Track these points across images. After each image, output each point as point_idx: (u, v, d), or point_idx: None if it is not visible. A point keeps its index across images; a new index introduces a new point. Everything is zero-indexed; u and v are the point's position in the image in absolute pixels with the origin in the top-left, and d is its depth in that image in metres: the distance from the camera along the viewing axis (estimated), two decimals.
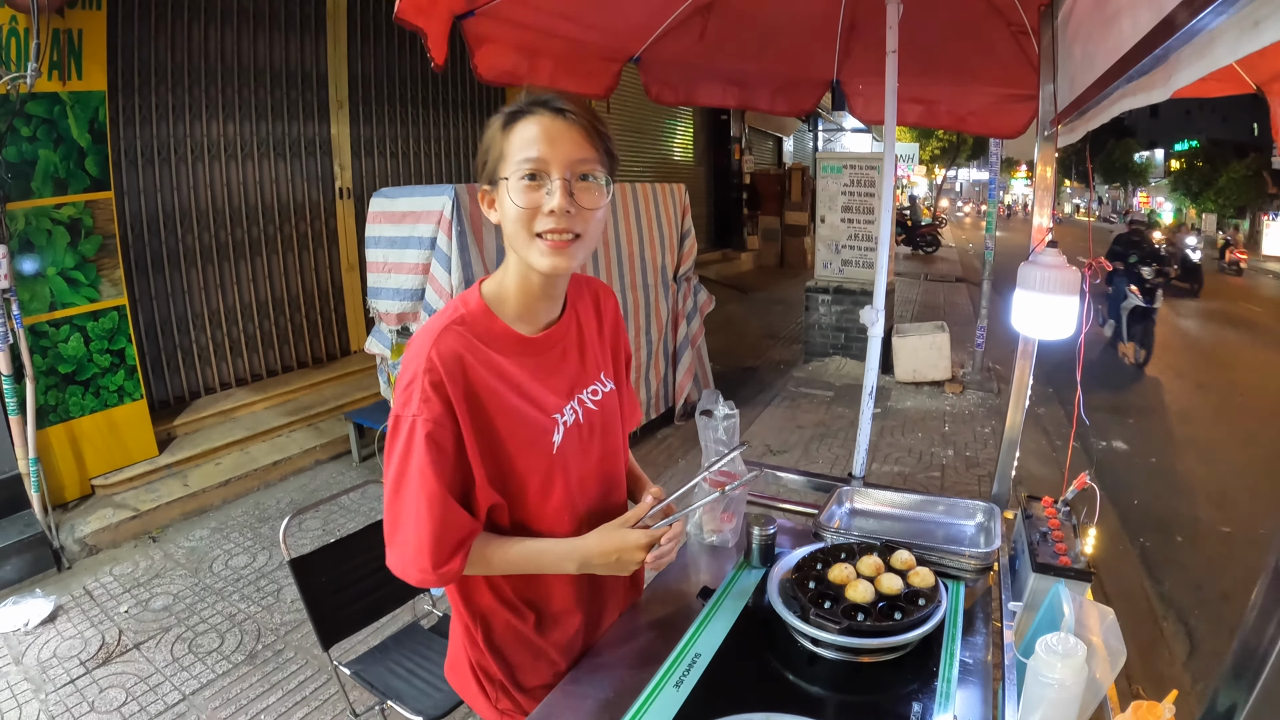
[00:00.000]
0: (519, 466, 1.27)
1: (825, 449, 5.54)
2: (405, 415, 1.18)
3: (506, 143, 1.19)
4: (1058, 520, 1.84)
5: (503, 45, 2.27)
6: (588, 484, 1.40)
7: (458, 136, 7.36)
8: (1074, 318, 1.70)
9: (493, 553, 1.26)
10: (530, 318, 1.31)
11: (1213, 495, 5.28)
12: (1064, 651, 1.18)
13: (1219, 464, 5.97)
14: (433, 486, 1.17)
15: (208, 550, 3.94)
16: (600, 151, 1.21)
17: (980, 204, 33.05)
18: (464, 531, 1.21)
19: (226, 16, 5.22)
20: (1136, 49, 1.07)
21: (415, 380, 1.17)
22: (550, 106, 1.19)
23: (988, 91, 3.06)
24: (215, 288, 5.35)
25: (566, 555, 1.28)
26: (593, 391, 1.41)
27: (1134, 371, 8.19)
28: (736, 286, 12.40)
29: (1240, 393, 8.30)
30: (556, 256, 1.19)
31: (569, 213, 1.17)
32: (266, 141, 5.59)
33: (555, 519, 1.33)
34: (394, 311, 3.99)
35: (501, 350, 1.26)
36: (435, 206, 3.75)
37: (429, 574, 1.19)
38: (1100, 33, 1.41)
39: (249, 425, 5.08)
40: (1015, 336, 2.03)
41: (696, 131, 13.83)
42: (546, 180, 1.16)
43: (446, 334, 1.20)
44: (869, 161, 7.45)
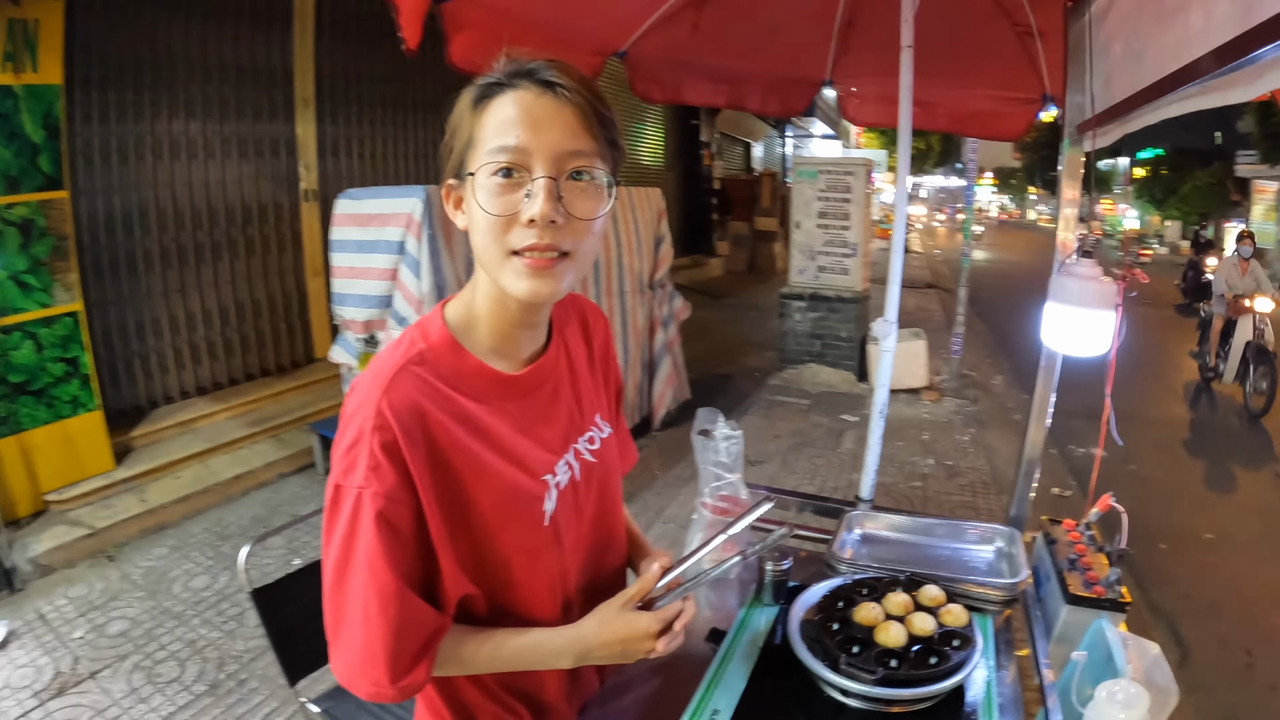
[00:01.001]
0: (501, 546, 1.01)
1: (805, 458, 5.45)
2: (348, 487, 0.90)
3: (478, 125, 0.91)
4: (1084, 545, 1.73)
5: (481, 33, 2.12)
6: (579, 552, 1.14)
7: (428, 138, 7.18)
8: (1109, 333, 1.58)
9: (468, 653, 1.01)
10: (509, 350, 1.03)
11: (1194, 502, 5.28)
12: (1125, 701, 1.10)
13: (1199, 470, 5.98)
14: (385, 580, 0.90)
15: (167, 570, 3.74)
16: (600, 141, 0.93)
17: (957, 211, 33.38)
18: (428, 631, 0.95)
19: (191, 10, 5.01)
20: (1228, 46, 0.95)
21: (361, 441, 0.90)
22: (536, 78, 0.90)
23: (988, 94, 3.00)
24: (175, 292, 5.12)
25: (561, 650, 1.03)
26: (590, 440, 1.15)
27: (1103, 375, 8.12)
28: (708, 293, 12.35)
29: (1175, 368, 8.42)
30: (537, 280, 0.91)
31: (554, 223, 0.89)
32: (230, 141, 5.38)
33: (544, 602, 1.08)
34: (360, 319, 3.83)
35: (475, 395, 0.99)
36: (404, 209, 3.59)
37: (385, 687, 0.92)
38: (1154, 29, 1.30)
39: (209, 437, 4.87)
40: (992, 343, 1.91)
41: (667, 136, 13.83)
42: (526, 178, 0.89)
43: (402, 378, 0.93)
44: (845, 167, 7.43)
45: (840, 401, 6.84)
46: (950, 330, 7.69)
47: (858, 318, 7.38)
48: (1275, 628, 3.78)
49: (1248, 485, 5.83)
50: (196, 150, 5.17)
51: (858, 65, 3.07)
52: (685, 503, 4.56)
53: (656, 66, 3.00)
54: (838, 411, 6.52)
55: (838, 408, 6.64)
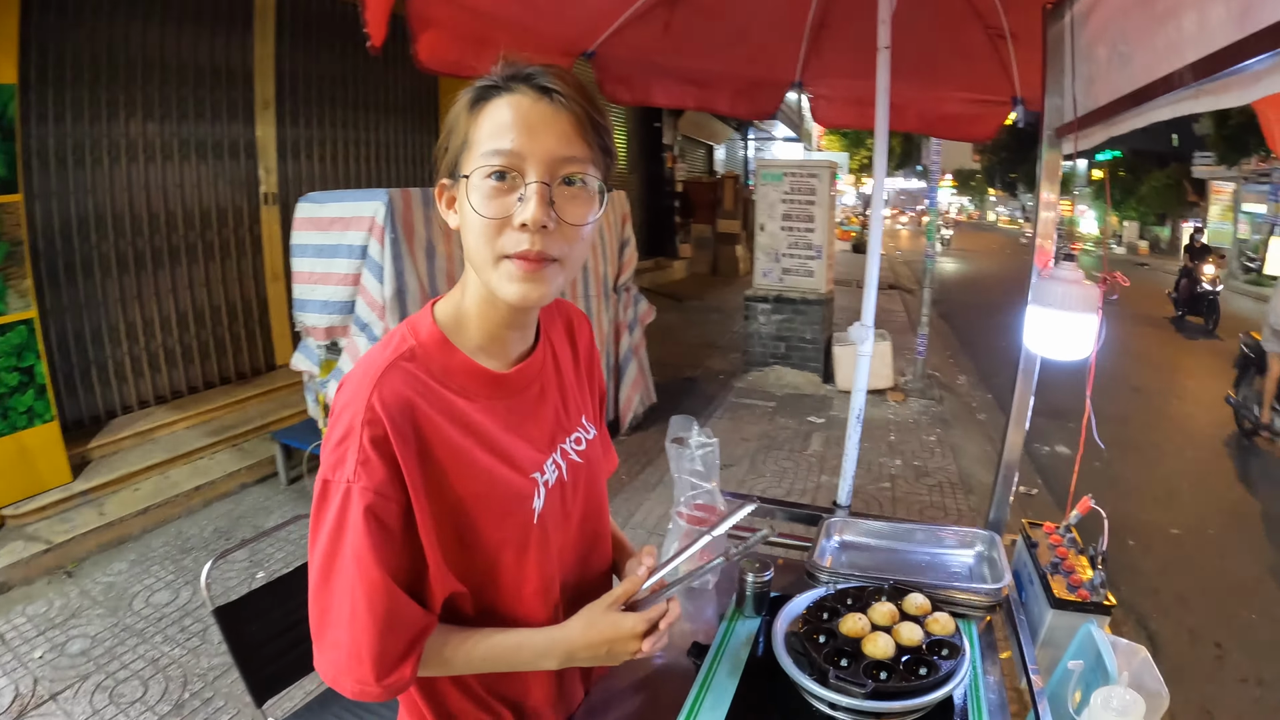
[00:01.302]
0: (489, 543, 1.00)
1: (772, 461, 5.45)
2: (337, 481, 0.90)
3: (474, 127, 0.92)
4: (1065, 548, 1.72)
5: (449, 32, 2.07)
6: (566, 554, 1.14)
7: (390, 140, 7.08)
8: (1092, 336, 1.57)
9: (453, 652, 0.99)
10: (497, 349, 1.03)
11: (1159, 498, 5.35)
12: (1121, 708, 1.09)
13: (1161, 466, 6.07)
14: (373, 575, 0.90)
15: (127, 586, 3.62)
16: (594, 148, 0.94)
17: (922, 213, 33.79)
18: (415, 630, 0.95)
19: (150, 10, 4.87)
20: (1225, 52, 0.93)
21: (351, 435, 0.90)
22: (533, 83, 0.91)
23: (958, 96, 3.00)
24: (133, 299, 4.98)
25: (546, 651, 1.02)
26: (576, 440, 1.15)
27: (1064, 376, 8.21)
28: (671, 295, 12.35)
29: (1176, 395, 8.49)
30: (526, 284, 0.91)
31: (546, 228, 0.89)
32: (189, 143, 5.24)
33: (532, 602, 1.07)
34: (322, 325, 3.74)
35: (465, 392, 0.99)
36: (366, 212, 3.51)
37: (370, 685, 0.92)
38: (1144, 32, 1.29)
39: (169, 447, 4.74)
40: (955, 344, 1.90)
41: (629, 138, 13.80)
42: (519, 182, 0.90)
43: (392, 373, 0.93)
44: (809, 169, 7.42)
45: (806, 404, 6.85)
46: (914, 331, 7.74)
47: (822, 320, 7.40)
48: (1244, 620, 3.84)
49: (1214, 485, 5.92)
50: (154, 152, 5.03)
51: (828, 67, 3.06)
52: (652, 509, 4.54)
53: (625, 68, 2.97)
54: (804, 414, 6.53)
55: (804, 410, 6.65)
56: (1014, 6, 2.31)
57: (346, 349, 3.64)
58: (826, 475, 5.19)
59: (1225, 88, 1.04)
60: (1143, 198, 29.04)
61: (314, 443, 4.32)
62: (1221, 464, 6.25)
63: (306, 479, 4.59)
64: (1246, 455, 6.47)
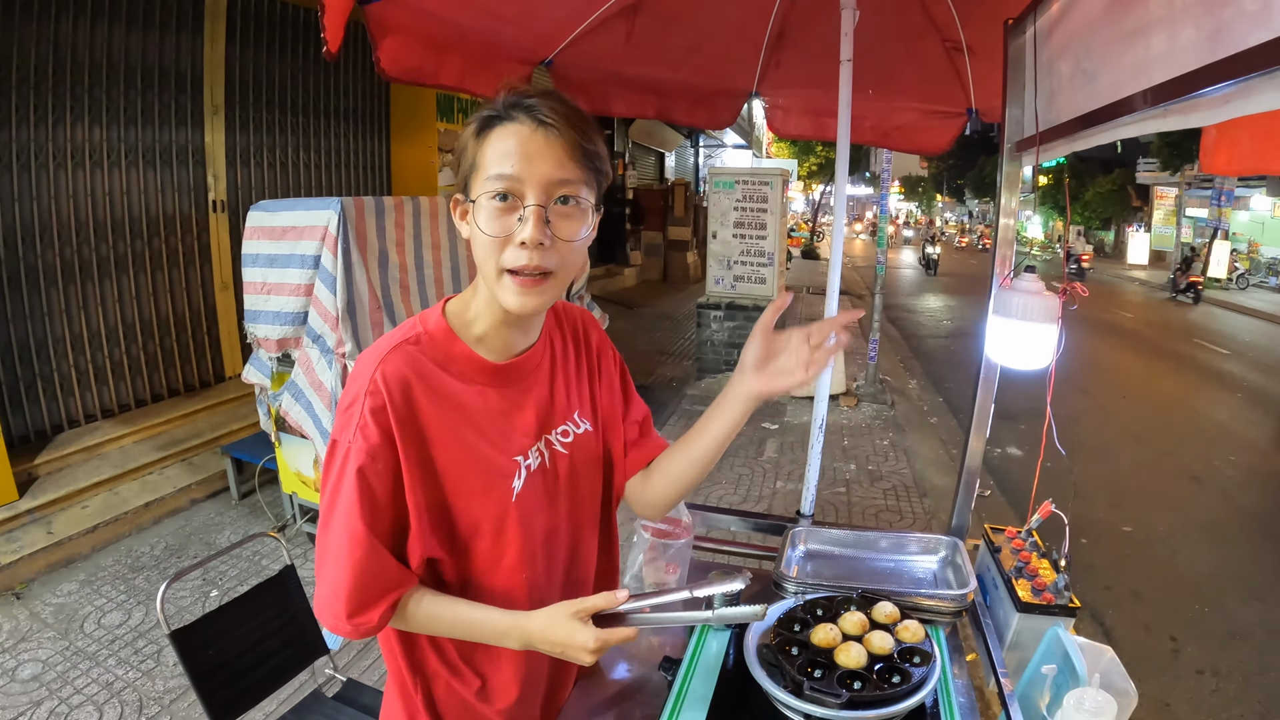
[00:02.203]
0: (469, 515, 1.11)
1: (728, 468, 5.47)
2: (341, 441, 1.04)
3: (480, 153, 1.03)
4: (1028, 552, 1.75)
5: (410, 38, 2.05)
6: (554, 541, 1.23)
7: (344, 147, 6.97)
8: (1052, 346, 1.60)
9: (420, 612, 1.10)
10: (498, 344, 1.15)
11: (1109, 496, 5.48)
12: (1094, 709, 1.12)
13: (1112, 466, 6.21)
14: (357, 527, 1.02)
15: (78, 607, 3.51)
16: (587, 170, 1.05)
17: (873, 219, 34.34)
18: (390, 582, 1.06)
19: (97, 11, 4.73)
20: (1198, 73, 0.95)
21: (356, 403, 1.04)
22: (532, 115, 1.01)
23: (915, 108, 3.04)
24: (78, 309, 4.84)
25: (506, 632, 1.09)
26: (563, 432, 1.23)
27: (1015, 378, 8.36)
28: (622, 303, 12.35)
29: (1123, 395, 8.71)
30: (525, 297, 1.03)
31: (542, 245, 1.01)
32: (135, 148, 5.10)
33: (510, 579, 1.16)
34: (274, 337, 3.65)
35: (461, 376, 1.11)
36: (319, 221, 3.43)
37: (342, 622, 1.05)
38: (1108, 49, 1.30)
39: (117, 462, 4.61)
40: (905, 348, 1.93)
41: None
42: (519, 204, 1.01)
43: (396, 353, 1.06)
44: (761, 177, 7.48)
45: (759, 410, 6.77)
46: (865, 336, 7.84)
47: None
48: (1197, 614, 3.95)
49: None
50: (100, 158, 4.89)
51: (786, 77, 3.07)
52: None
53: (584, 76, 2.95)
54: (758, 420, 6.57)
55: (757, 416, 6.64)
56: (972, 20, 2.34)
57: (299, 361, 3.56)
58: (782, 481, 5.24)
59: (1194, 108, 1.05)
60: (1088, 203, 29.71)
61: (266, 456, 4.23)
62: (1169, 462, 6.41)
63: (259, 493, 4.49)
64: (1193, 454, 6.66)
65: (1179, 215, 24.71)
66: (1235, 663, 3.52)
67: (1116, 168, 28.32)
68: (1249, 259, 21.59)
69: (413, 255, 3.67)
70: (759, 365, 1.16)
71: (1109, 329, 13.34)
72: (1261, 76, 0.84)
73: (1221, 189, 21.65)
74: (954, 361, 9.89)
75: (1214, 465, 6.39)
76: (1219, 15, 0.95)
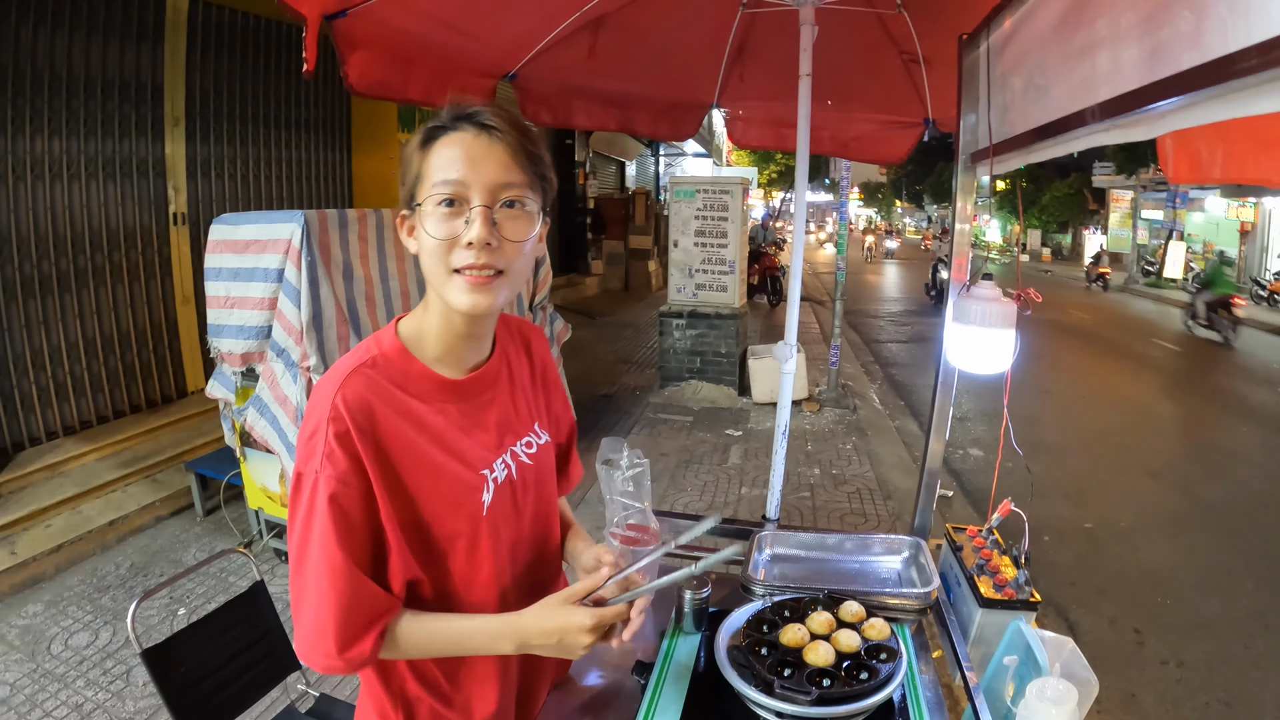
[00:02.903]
0: (443, 532, 1.11)
1: (692, 475, 5.50)
2: (308, 472, 1.02)
3: (425, 163, 1.04)
4: (989, 550, 1.80)
5: (376, 53, 2.06)
6: (520, 549, 1.24)
7: (306, 158, 6.91)
8: (1009, 350, 1.65)
9: (410, 635, 1.08)
10: (453, 359, 1.15)
11: (1070, 494, 5.58)
12: (1055, 698, 1.16)
13: (1071, 464, 6.33)
14: (336, 557, 1.00)
15: (44, 629, 3.45)
16: (530, 174, 1.06)
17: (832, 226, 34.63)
18: (377, 609, 1.04)
19: (56, 19, 4.67)
20: (1137, 93, 1.00)
21: (319, 432, 1.02)
22: (475, 121, 1.04)
23: (873, 118, 3.09)
24: (37, 324, 4.75)
25: (500, 634, 1.09)
26: (527, 444, 1.25)
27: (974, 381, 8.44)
28: (584, 312, 12.36)
29: (1083, 396, 8.88)
30: (476, 294, 1.03)
31: (489, 245, 1.02)
32: (95, 160, 5.02)
33: (486, 591, 1.16)
34: (238, 351, 3.62)
35: (421, 395, 1.10)
36: (283, 235, 3.41)
37: (334, 659, 1.02)
38: (1059, 65, 1.36)
39: (80, 480, 4.53)
40: (866, 353, 1.98)
41: None
42: (465, 208, 1.02)
43: (355, 377, 1.05)
44: (722, 186, 7.52)
45: (723, 417, 6.94)
46: (826, 342, 7.92)
47: (737, 333, 7.51)
48: (1159, 607, 4.04)
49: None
50: (60, 170, 4.81)
51: (746, 89, 3.12)
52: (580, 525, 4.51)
53: (547, 90, 2.98)
54: (721, 427, 6.62)
55: (721, 423, 6.74)
56: (929, 33, 2.40)
57: (263, 375, 3.54)
58: (747, 487, 5.27)
59: (1135, 124, 1.11)
60: (1045, 207, 30.21)
61: (231, 472, 4.18)
62: (1129, 459, 6.55)
63: (224, 510, 4.44)
64: (1151, 450, 6.82)
65: (1135, 217, 25.21)
66: (1199, 653, 3.61)
67: (1073, 172, 28.82)
68: (1204, 259, 22.10)
69: (377, 268, 3.66)
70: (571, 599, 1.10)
71: (1069, 331, 13.58)
72: (1196, 95, 0.89)
73: (1176, 191, 22.12)
74: (916, 365, 10.04)
75: (1171, 461, 6.54)
76: (1157, 35, 1.00)
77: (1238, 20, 0.82)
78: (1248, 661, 3.57)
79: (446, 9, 2.18)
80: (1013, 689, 1.30)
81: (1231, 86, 0.83)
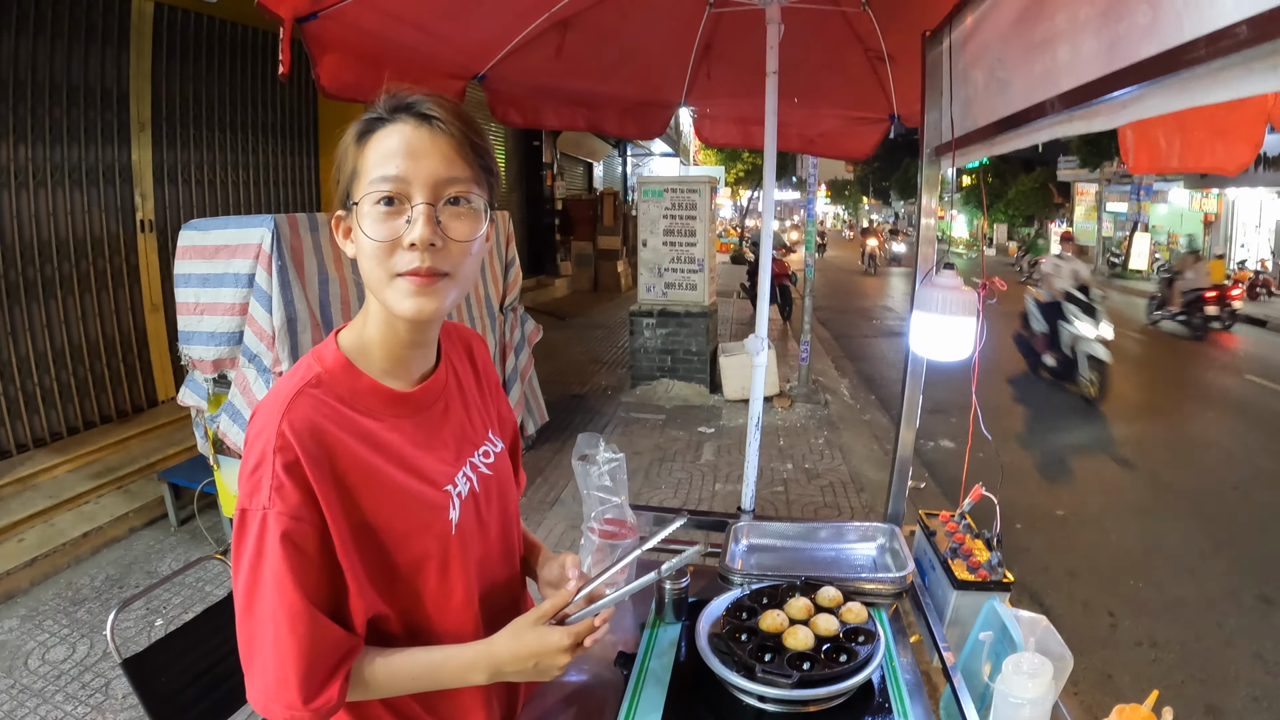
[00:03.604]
0: (410, 557, 1.03)
1: (666, 472, 5.52)
2: (254, 509, 0.92)
3: (361, 158, 0.96)
4: (962, 534, 1.83)
5: (347, 55, 2.06)
6: (489, 565, 1.17)
7: (274, 163, 6.86)
8: (971, 338, 1.69)
9: (377, 674, 1.00)
10: (400, 370, 1.06)
11: (1041, 482, 5.67)
12: (1031, 671, 1.18)
13: (1040, 452, 6.43)
14: (293, 600, 0.91)
15: (20, 644, 3.40)
16: (475, 169, 0.98)
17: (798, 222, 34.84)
18: (340, 652, 0.96)
19: (20, 25, 4.60)
20: (1095, 84, 1.03)
21: (264, 463, 0.92)
22: (414, 111, 0.96)
23: (838, 114, 3.13)
24: (4, 335, 4.68)
25: (472, 665, 1.03)
26: (484, 453, 1.18)
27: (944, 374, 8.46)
28: (554, 313, 12.36)
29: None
30: (420, 298, 0.95)
31: (434, 246, 0.94)
32: (61, 167, 4.96)
33: (461, 618, 1.09)
34: (209, 358, 3.60)
35: (371, 412, 1.01)
36: (252, 239, 3.40)
37: (299, 710, 0.93)
38: (1020, 59, 1.39)
39: (51, 492, 4.48)
40: (836, 349, 2.01)
41: (509, 158, 13.80)
42: (406, 206, 0.94)
43: (300, 400, 0.95)
44: (690, 185, 7.57)
45: (695, 414, 6.98)
46: (796, 339, 7.97)
47: (707, 331, 7.56)
48: (1132, 589, 4.12)
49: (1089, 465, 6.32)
50: (25, 178, 4.74)
51: (714, 87, 3.15)
52: (554, 525, 4.55)
53: (516, 90, 3.00)
54: (694, 424, 6.66)
55: (693, 421, 6.78)
56: (893, 30, 2.44)
57: (235, 381, 3.52)
58: (721, 483, 5.31)
59: (1095, 114, 1.14)
60: (1011, 201, 30.51)
61: (204, 480, 4.15)
62: (1098, 447, 6.66)
63: (198, 518, 4.40)
64: (1124, 439, 6.95)
65: (1099, 210, 25.57)
66: (1172, 633, 3.68)
67: (1038, 166, 29.14)
68: (1169, 250, 22.46)
69: (351, 270, 3.66)
70: (542, 619, 1.06)
71: None
72: (1152, 85, 0.93)
73: (1140, 184, 22.43)
74: (886, 359, 10.15)
75: (1141, 448, 6.66)
76: (1115, 29, 1.03)
77: (1191, 13, 0.85)
78: (1220, 640, 3.65)
79: (415, 11, 2.19)
80: (989, 667, 1.33)
81: (1182, 76, 0.86)
